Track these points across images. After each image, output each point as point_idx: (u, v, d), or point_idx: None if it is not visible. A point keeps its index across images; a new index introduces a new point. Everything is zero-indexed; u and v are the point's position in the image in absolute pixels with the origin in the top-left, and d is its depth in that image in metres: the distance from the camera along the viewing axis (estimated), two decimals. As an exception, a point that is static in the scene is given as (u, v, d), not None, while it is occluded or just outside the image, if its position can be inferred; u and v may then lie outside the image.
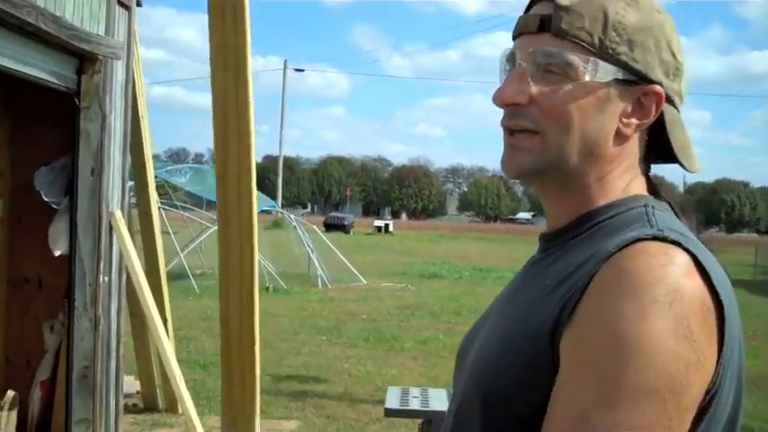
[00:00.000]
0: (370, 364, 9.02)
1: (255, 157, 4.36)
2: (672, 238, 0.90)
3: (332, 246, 18.27)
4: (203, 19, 4.06)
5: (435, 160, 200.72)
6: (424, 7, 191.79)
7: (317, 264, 17.04)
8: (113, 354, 4.46)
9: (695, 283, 0.87)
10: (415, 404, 3.53)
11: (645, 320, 0.84)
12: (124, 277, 4.61)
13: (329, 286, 16.50)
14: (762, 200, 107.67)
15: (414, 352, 9.87)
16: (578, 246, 1.01)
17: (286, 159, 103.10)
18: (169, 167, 17.27)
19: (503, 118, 1.07)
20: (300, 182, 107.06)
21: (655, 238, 0.90)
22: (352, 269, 17.74)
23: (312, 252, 17.30)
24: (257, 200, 14.96)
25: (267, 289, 15.29)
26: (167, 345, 4.83)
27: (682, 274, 0.87)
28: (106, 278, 4.28)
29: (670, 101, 1.05)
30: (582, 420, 0.83)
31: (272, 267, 16.90)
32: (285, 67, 44.42)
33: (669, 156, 1.08)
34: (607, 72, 1.01)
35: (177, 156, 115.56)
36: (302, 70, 49.23)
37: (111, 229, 4.31)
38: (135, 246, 4.78)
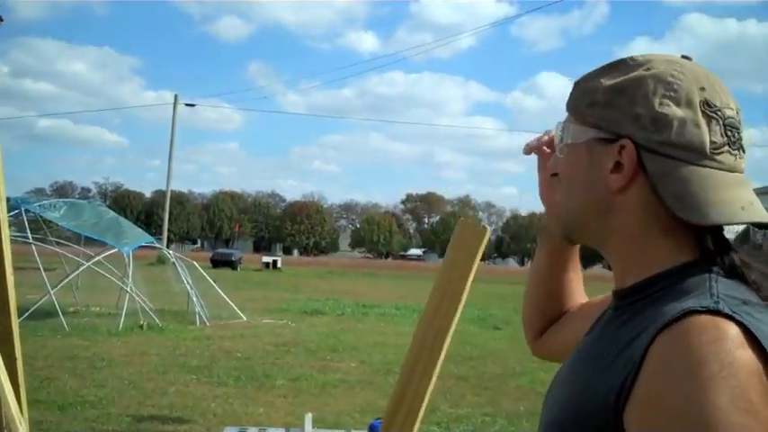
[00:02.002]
0: (238, 403, 8.86)
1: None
2: (724, 311, 0.91)
3: (212, 282, 17.95)
4: (95, 52, 3.94)
5: (329, 196, 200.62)
6: (318, 44, 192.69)
7: (195, 300, 16.72)
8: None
9: (748, 355, 0.88)
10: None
11: (707, 397, 0.85)
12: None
13: (207, 324, 16.19)
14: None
15: (284, 390, 9.76)
16: (642, 311, 1.02)
17: (177, 194, 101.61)
18: (42, 202, 16.69)
19: None
20: (191, 217, 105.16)
21: (708, 311, 0.91)
22: (233, 306, 17.48)
23: (191, 288, 16.96)
24: (135, 236, 14.55)
25: (141, 327, 14.91)
26: (7, 386, 4.63)
27: (734, 348, 0.88)
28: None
29: (654, 151, 1.03)
30: None
31: (149, 304, 16.52)
32: (176, 102, 43.80)
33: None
34: (581, 134, 1.10)
35: (63, 189, 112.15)
36: (193, 105, 48.58)
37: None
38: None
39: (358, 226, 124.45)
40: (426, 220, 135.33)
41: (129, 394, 9.09)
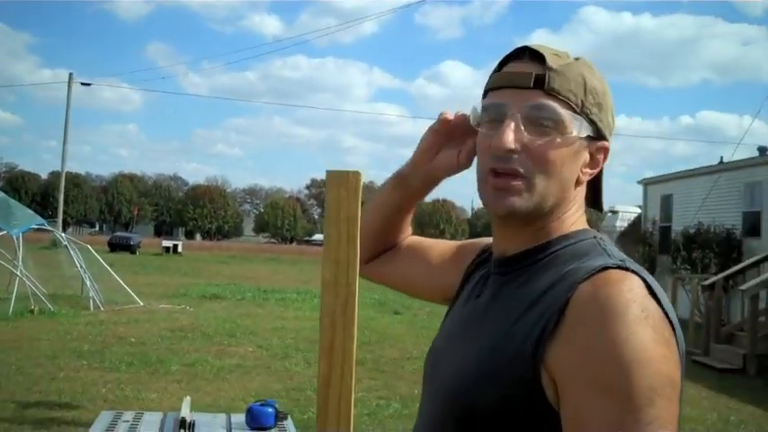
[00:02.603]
0: (130, 388, 8.70)
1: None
2: (631, 267, 1.10)
3: (106, 266, 17.53)
4: None
5: (233, 181, 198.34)
6: (220, 26, 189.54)
7: (89, 285, 16.31)
8: None
9: (654, 301, 1.06)
10: (121, 430, 3.44)
11: (635, 335, 1.01)
12: None
13: (102, 308, 15.83)
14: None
15: (179, 375, 9.64)
16: (540, 272, 1.18)
17: (74, 176, 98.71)
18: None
19: (489, 160, 1.20)
20: (88, 199, 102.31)
21: (618, 267, 1.09)
22: (129, 291, 17.13)
23: (84, 272, 16.54)
24: (25, 218, 14.02)
25: (32, 311, 14.48)
26: None
27: (644, 295, 1.06)
28: None
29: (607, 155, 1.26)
30: (617, 429, 0.99)
31: (41, 289, 16.04)
32: (70, 81, 42.39)
33: (590, 197, 1.31)
34: (585, 129, 1.19)
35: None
36: (89, 84, 47.10)
37: None
38: None
39: (262, 211, 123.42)
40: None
41: (15, 380, 8.83)
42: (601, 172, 1.28)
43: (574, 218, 1.25)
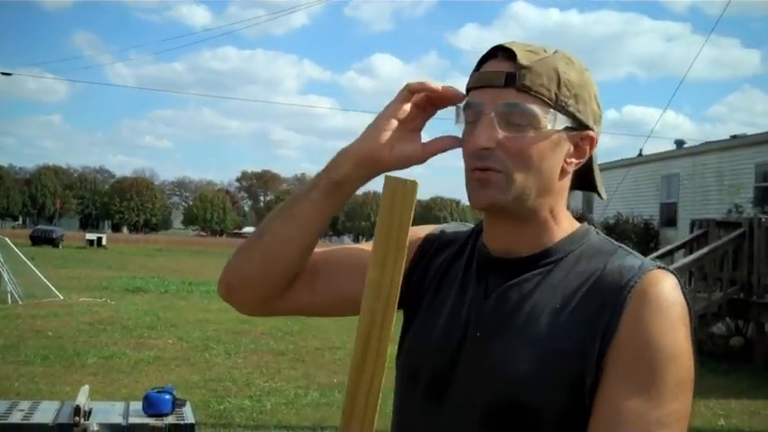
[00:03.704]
0: (44, 382, 8.57)
1: None
2: (666, 267, 1.19)
3: (24, 259, 17.18)
4: None
5: (161, 173, 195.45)
6: (147, 16, 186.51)
7: (6, 279, 15.95)
8: None
9: (685, 300, 1.18)
10: (15, 418, 3.42)
11: (675, 333, 1.13)
12: None
13: (20, 302, 15.50)
14: (472, 216, 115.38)
15: (95, 368, 9.52)
16: (562, 272, 1.24)
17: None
18: None
19: (470, 159, 1.22)
20: (11, 192, 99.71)
21: (657, 267, 1.19)
22: (48, 284, 16.81)
23: (2, 266, 16.17)
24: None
25: (-55, 306, 14.14)
26: None
27: (681, 294, 1.17)
28: None
29: (595, 144, 1.28)
30: (642, 417, 1.09)
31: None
32: (-10, 70, 41.24)
33: (586, 186, 1.35)
34: (561, 121, 1.21)
35: None
36: (9, 74, 45.74)
37: None
38: None
39: (191, 203, 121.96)
40: (262, 198, 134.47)
41: None
42: (591, 159, 1.30)
43: (566, 213, 1.30)
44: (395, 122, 1.26)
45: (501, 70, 1.22)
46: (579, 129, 1.25)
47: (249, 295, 1.38)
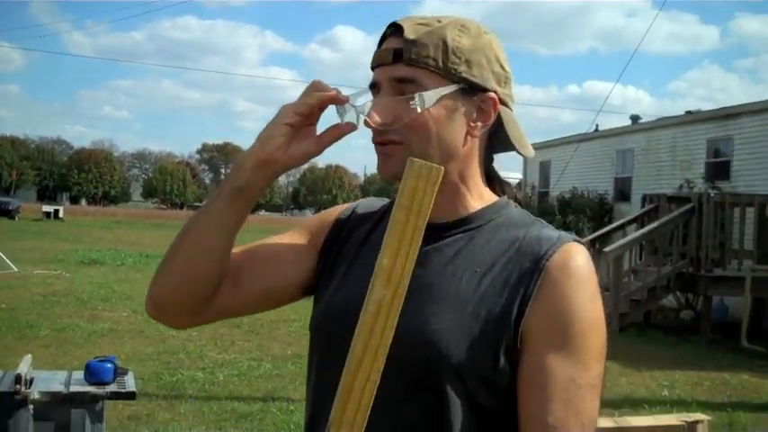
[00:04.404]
0: (-6, 354, 8.54)
1: None
2: (580, 240, 1.28)
3: (-23, 231, 16.96)
4: None
5: (121, 145, 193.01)
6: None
7: (-42, 250, 15.78)
8: None
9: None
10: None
11: (594, 303, 1.23)
12: None
13: (-28, 274, 15.36)
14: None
15: (48, 340, 9.49)
16: (481, 240, 1.29)
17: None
18: None
19: (373, 136, 1.27)
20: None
21: (575, 241, 1.27)
22: (2, 256, 16.63)
23: (-46, 238, 15.97)
24: None
25: None
26: None
27: (593, 267, 1.26)
28: None
29: (504, 104, 1.32)
30: (573, 382, 1.18)
31: None
32: (-58, 37, 40.38)
33: (508, 146, 1.36)
34: (452, 88, 1.25)
35: None
36: (-37, 41, 44.90)
37: None
38: None
39: (150, 176, 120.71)
40: (223, 170, 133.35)
41: None
42: (501, 119, 1.31)
43: (479, 180, 1.35)
44: (287, 128, 1.28)
45: (391, 47, 1.27)
46: (478, 92, 1.28)
47: (177, 309, 1.39)
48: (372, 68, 1.31)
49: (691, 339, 11.81)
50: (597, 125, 22.34)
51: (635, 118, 21.87)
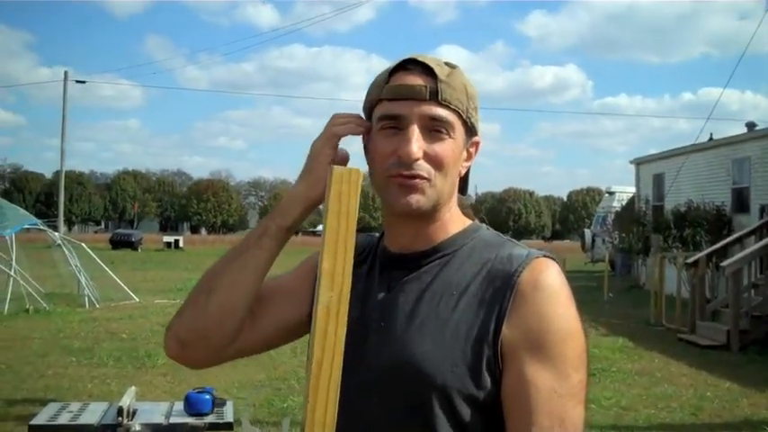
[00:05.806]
0: (115, 383, 8.86)
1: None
2: (550, 255, 1.33)
3: (101, 263, 17.69)
4: None
5: (237, 173, 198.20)
6: (215, 19, 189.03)
7: (83, 283, 16.48)
8: None
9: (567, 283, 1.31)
10: (63, 419, 3.60)
11: (567, 312, 1.27)
12: None
13: (97, 306, 16.01)
14: (546, 208, 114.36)
15: (165, 369, 9.77)
16: (457, 263, 1.35)
17: (77, 175, 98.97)
18: None
19: (393, 166, 1.31)
20: (92, 197, 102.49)
21: (544, 256, 1.32)
22: (124, 287, 17.30)
23: (79, 271, 16.70)
24: (16, 218, 13.99)
25: (27, 311, 14.66)
26: None
27: (564, 278, 1.30)
28: None
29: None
30: (554, 392, 1.22)
31: (38, 288, 16.21)
32: (66, 78, 42.53)
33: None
34: (468, 131, 1.37)
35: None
36: (83, 81, 47.15)
37: None
38: None
39: (266, 203, 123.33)
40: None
41: (3, 378, 9.01)
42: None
43: (456, 210, 1.42)
44: (325, 165, 1.34)
45: (421, 84, 1.32)
46: (473, 135, 1.41)
47: (203, 346, 1.43)
48: (385, 99, 1.34)
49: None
50: (711, 134, 21.59)
51: (751, 125, 21.01)
